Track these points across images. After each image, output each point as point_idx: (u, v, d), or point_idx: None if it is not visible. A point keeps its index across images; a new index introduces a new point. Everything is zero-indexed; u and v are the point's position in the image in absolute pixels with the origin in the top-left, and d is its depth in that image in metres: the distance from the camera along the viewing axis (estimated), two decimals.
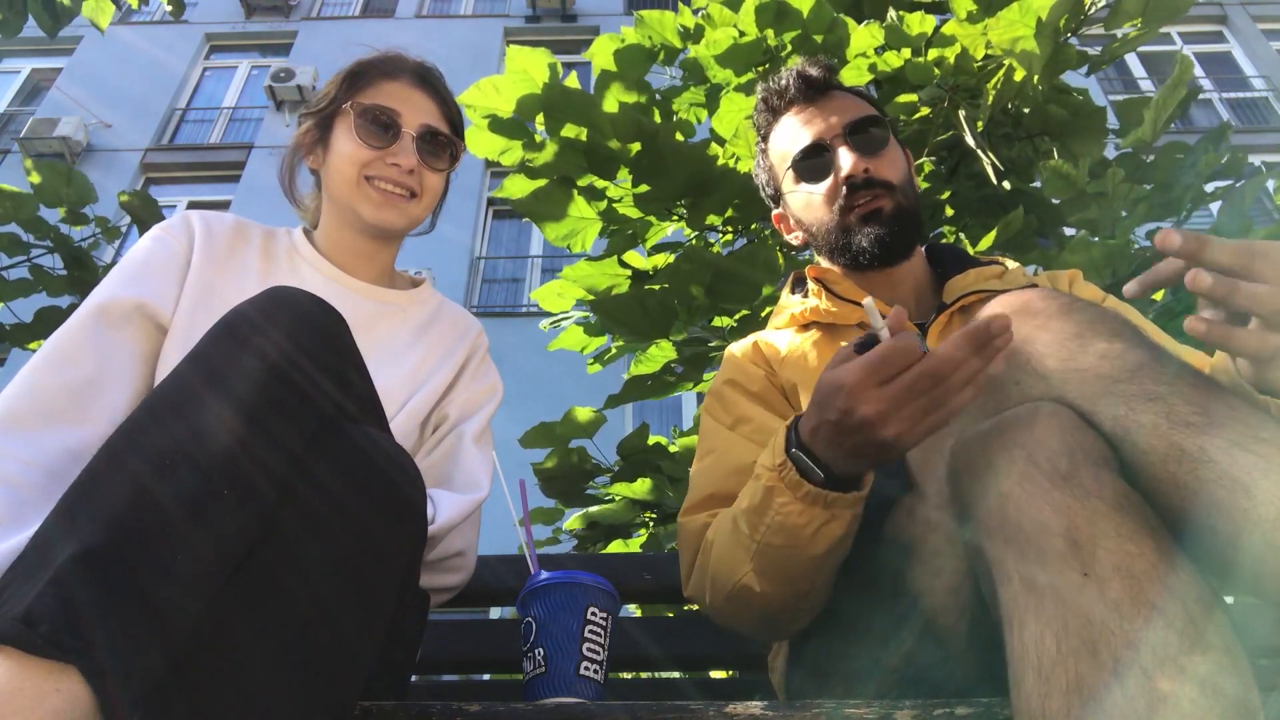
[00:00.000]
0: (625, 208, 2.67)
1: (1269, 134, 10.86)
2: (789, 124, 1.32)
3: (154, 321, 1.09)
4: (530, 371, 7.16)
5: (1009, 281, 1.22)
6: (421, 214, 1.27)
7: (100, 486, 0.65)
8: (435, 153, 1.25)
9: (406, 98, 1.23)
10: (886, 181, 1.24)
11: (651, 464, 2.77)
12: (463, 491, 1.13)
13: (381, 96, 1.22)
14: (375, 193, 1.20)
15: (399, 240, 1.32)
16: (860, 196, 1.23)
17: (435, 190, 1.27)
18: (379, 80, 1.24)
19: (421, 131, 1.22)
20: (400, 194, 1.22)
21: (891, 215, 1.23)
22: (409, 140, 1.21)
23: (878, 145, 1.26)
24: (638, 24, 2.87)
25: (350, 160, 1.20)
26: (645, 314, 2.44)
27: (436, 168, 1.25)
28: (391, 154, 1.20)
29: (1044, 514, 0.68)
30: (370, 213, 1.21)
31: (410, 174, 1.21)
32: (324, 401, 0.76)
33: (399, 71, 1.25)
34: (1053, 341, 0.79)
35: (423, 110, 1.24)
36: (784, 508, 0.88)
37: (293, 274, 1.23)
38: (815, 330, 1.25)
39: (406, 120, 1.22)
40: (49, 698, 0.54)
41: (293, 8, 12.35)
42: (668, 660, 1.53)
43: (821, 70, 1.32)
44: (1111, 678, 0.60)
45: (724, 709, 0.82)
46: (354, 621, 0.73)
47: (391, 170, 1.20)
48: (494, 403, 1.28)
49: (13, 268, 3.11)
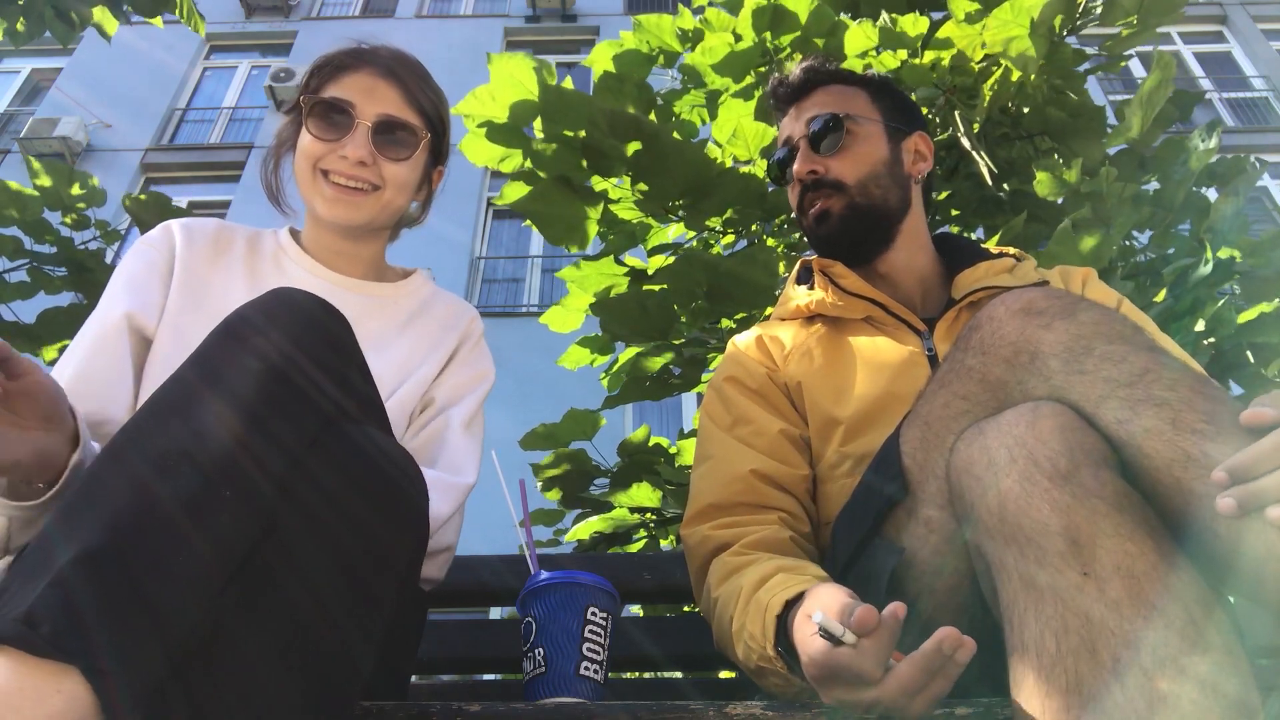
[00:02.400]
0: (624, 209, 2.67)
1: (1269, 134, 10.86)
2: (782, 125, 1.37)
3: (139, 333, 1.11)
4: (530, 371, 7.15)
5: (1019, 276, 1.21)
6: (390, 204, 1.22)
7: (101, 487, 0.65)
8: (396, 143, 1.20)
9: (367, 88, 1.19)
10: (836, 182, 1.25)
11: (650, 467, 2.77)
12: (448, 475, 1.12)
13: (339, 89, 1.19)
14: (329, 188, 1.18)
15: (379, 235, 1.29)
16: (809, 198, 1.28)
17: (400, 181, 1.21)
18: (339, 73, 1.21)
19: (378, 122, 1.18)
20: (356, 188, 1.18)
21: (841, 215, 1.25)
22: (362, 131, 1.17)
23: (834, 145, 1.27)
24: (636, 28, 2.87)
25: (304, 154, 1.19)
26: (646, 314, 2.44)
27: (396, 158, 1.20)
28: (342, 146, 1.17)
29: (1044, 513, 0.68)
30: (323, 208, 1.19)
31: (362, 165, 1.17)
32: (325, 402, 0.76)
33: (361, 63, 1.22)
34: (1056, 342, 0.78)
35: (382, 100, 1.19)
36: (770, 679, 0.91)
37: (279, 273, 1.23)
38: (820, 324, 1.25)
39: (361, 111, 1.18)
40: (50, 698, 0.54)
41: (293, 8, 12.35)
42: (668, 660, 1.53)
43: (805, 71, 1.34)
44: (1111, 677, 0.60)
45: (724, 709, 0.82)
46: (354, 622, 0.73)
47: (341, 163, 1.17)
48: (483, 388, 1.27)
49: (14, 270, 3.11)
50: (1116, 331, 0.78)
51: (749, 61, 2.63)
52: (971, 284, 1.20)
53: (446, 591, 1.51)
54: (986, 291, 1.19)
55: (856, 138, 1.28)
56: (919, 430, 0.90)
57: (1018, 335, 0.81)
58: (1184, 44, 11.85)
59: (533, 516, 1.31)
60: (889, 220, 1.28)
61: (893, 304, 1.21)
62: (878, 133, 1.30)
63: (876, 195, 1.26)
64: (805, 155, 1.27)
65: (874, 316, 1.22)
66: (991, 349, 0.83)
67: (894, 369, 1.14)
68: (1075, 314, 0.80)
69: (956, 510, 0.81)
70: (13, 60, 11.65)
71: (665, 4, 11.99)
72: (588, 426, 2.80)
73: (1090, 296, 1.14)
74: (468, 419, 1.21)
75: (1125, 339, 0.77)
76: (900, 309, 1.21)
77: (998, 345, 0.82)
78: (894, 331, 1.20)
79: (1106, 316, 0.80)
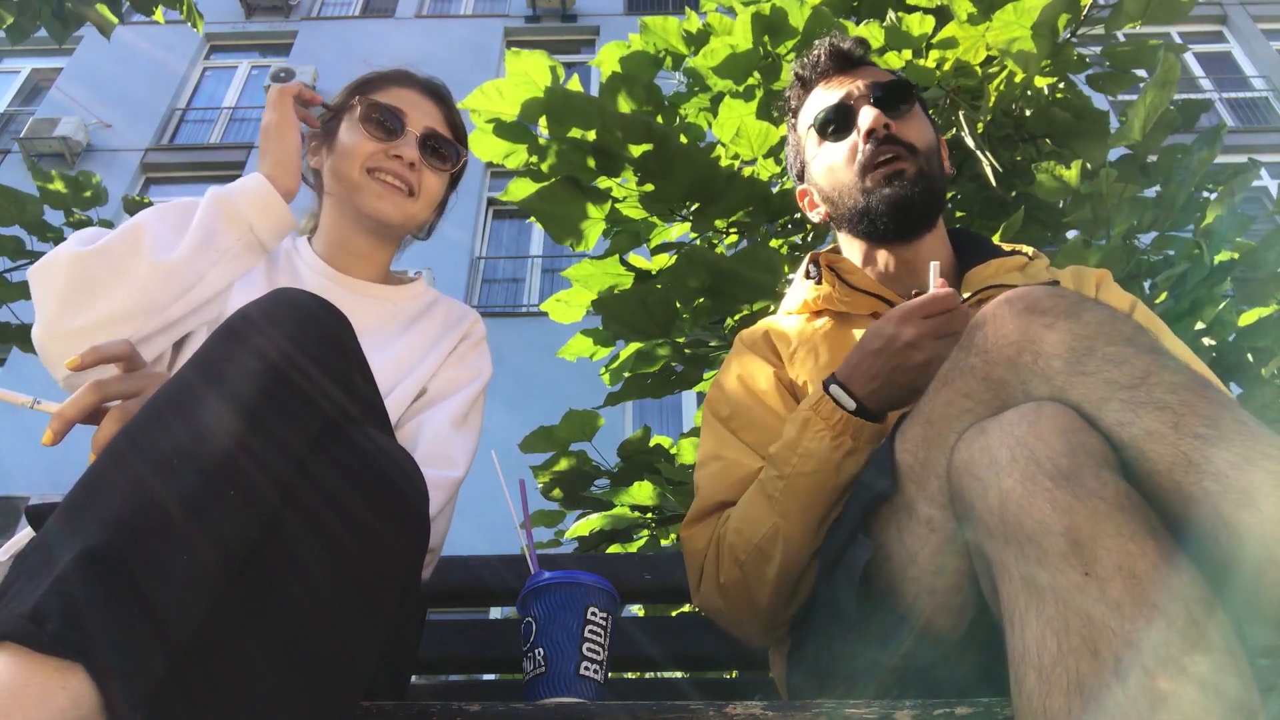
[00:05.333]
0: (629, 208, 2.67)
1: (1269, 134, 10.85)
2: (818, 94, 1.32)
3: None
4: (530, 371, 7.16)
5: (1030, 275, 1.21)
6: (418, 213, 1.30)
7: (104, 486, 0.65)
8: (437, 155, 1.30)
9: (414, 102, 1.30)
10: (909, 143, 1.22)
11: (651, 466, 2.77)
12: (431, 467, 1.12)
13: (389, 98, 1.28)
14: (376, 184, 1.25)
15: (395, 240, 1.35)
16: (882, 153, 1.21)
17: (433, 192, 1.31)
18: (388, 85, 1.32)
19: (425, 133, 1.28)
20: (400, 187, 1.26)
21: (914, 178, 1.20)
22: (412, 137, 1.27)
23: (903, 110, 1.24)
24: (642, 30, 2.88)
25: (355, 151, 1.25)
26: (647, 312, 2.44)
27: (437, 168, 1.30)
28: (394, 148, 1.25)
29: (1045, 513, 0.68)
30: (369, 203, 1.25)
31: (411, 168, 1.25)
32: (326, 403, 0.76)
33: (409, 81, 1.33)
34: (1059, 342, 0.78)
35: (428, 115, 1.30)
36: (818, 434, 1.02)
37: (291, 274, 1.27)
38: (827, 319, 1.24)
39: (412, 120, 1.28)
40: (54, 695, 0.54)
41: (293, 8, 12.34)
42: (668, 660, 1.54)
43: (854, 44, 1.32)
44: (1112, 677, 0.60)
45: (724, 709, 0.82)
46: (355, 622, 0.73)
47: (393, 163, 1.25)
48: (476, 385, 1.28)
49: (15, 270, 3.11)
50: (1120, 333, 0.77)
51: (749, 64, 2.63)
52: (982, 281, 1.20)
53: (446, 591, 1.52)
54: (996, 290, 1.18)
55: (917, 111, 1.27)
56: (920, 428, 0.90)
57: (1020, 334, 0.80)
58: (1184, 44, 11.84)
59: (533, 518, 1.32)
60: (939, 203, 1.26)
61: (899, 300, 1.21)
62: (926, 115, 1.30)
63: (936, 172, 1.25)
64: (876, 111, 1.23)
65: (880, 313, 1.21)
66: (994, 348, 0.82)
67: None
68: (1079, 314, 0.79)
69: (957, 510, 0.81)
70: (13, 60, 11.65)
71: (665, 4, 12.00)
72: (587, 427, 2.80)
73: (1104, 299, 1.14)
74: (458, 413, 1.22)
75: (1128, 340, 0.77)
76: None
77: (1000, 344, 0.82)
78: None
79: (1110, 317, 0.79)
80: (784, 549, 1.03)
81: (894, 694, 0.92)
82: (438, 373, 1.26)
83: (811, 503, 1.03)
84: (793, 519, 1.03)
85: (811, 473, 1.02)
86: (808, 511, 1.03)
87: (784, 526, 1.03)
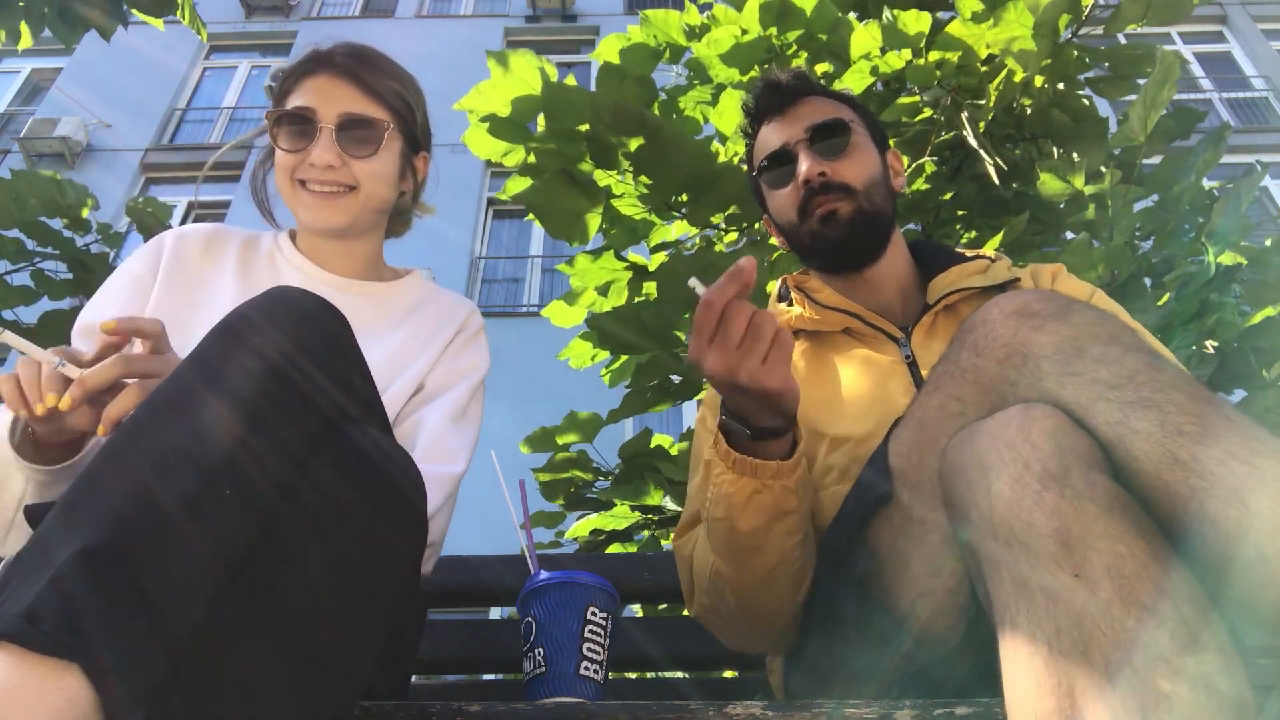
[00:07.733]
0: (626, 204, 2.67)
1: (1269, 134, 10.85)
2: (764, 133, 1.34)
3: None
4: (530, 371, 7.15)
5: (992, 276, 1.23)
6: (369, 203, 1.23)
7: (101, 485, 0.65)
8: (360, 140, 1.20)
9: (325, 90, 1.21)
10: (845, 184, 1.24)
11: (652, 467, 2.77)
12: (431, 462, 1.11)
13: (300, 96, 1.21)
14: (308, 196, 1.20)
15: (372, 233, 1.30)
16: (817, 201, 1.24)
17: (376, 175, 1.22)
18: (299, 80, 1.23)
19: (340, 122, 1.19)
20: (332, 192, 1.20)
21: (850, 218, 1.23)
22: (326, 135, 1.18)
23: (839, 149, 1.26)
24: (643, 23, 2.88)
25: (279, 169, 1.22)
26: (643, 329, 2.44)
27: (363, 155, 1.20)
28: (309, 154, 1.19)
29: (1035, 515, 0.68)
30: (307, 216, 1.22)
31: (331, 169, 1.19)
32: (324, 402, 0.76)
33: (316, 67, 1.23)
34: (1049, 343, 0.79)
35: (341, 100, 1.20)
36: (719, 478, 0.95)
37: (272, 273, 1.25)
38: (803, 339, 1.26)
39: (322, 115, 1.19)
40: (51, 696, 0.54)
41: (293, 8, 12.36)
42: (668, 660, 1.54)
43: (791, 77, 1.33)
44: (1104, 678, 0.60)
45: (724, 709, 0.82)
46: (354, 622, 0.73)
47: (312, 170, 1.19)
48: (473, 378, 1.26)
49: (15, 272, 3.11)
50: (1109, 333, 0.78)
51: (754, 54, 2.63)
52: (944, 288, 1.22)
53: (446, 591, 1.52)
54: (960, 294, 1.21)
55: (856, 144, 1.28)
56: (913, 432, 0.90)
57: (1010, 337, 0.81)
58: (1184, 44, 11.84)
59: (533, 519, 1.31)
60: (886, 227, 1.28)
61: (868, 314, 1.23)
62: (869, 142, 1.31)
63: (878, 201, 1.27)
64: (811, 158, 1.25)
65: (852, 328, 1.23)
66: (985, 350, 0.83)
67: (873, 378, 1.16)
68: (1068, 316, 0.80)
69: (949, 512, 0.81)
70: (13, 60, 11.65)
71: (666, 4, 12.00)
72: (588, 428, 2.80)
73: (1060, 289, 1.17)
74: (456, 408, 1.20)
75: (1117, 341, 0.77)
76: (876, 318, 1.22)
77: (991, 347, 0.82)
78: (872, 341, 1.21)
79: (1099, 319, 0.80)
80: (731, 588, 1.02)
81: (894, 694, 0.92)
82: (436, 368, 1.24)
83: (735, 551, 0.98)
84: (726, 561, 1.00)
85: (722, 518, 0.96)
86: (737, 561, 0.99)
87: (721, 568, 1.01)
